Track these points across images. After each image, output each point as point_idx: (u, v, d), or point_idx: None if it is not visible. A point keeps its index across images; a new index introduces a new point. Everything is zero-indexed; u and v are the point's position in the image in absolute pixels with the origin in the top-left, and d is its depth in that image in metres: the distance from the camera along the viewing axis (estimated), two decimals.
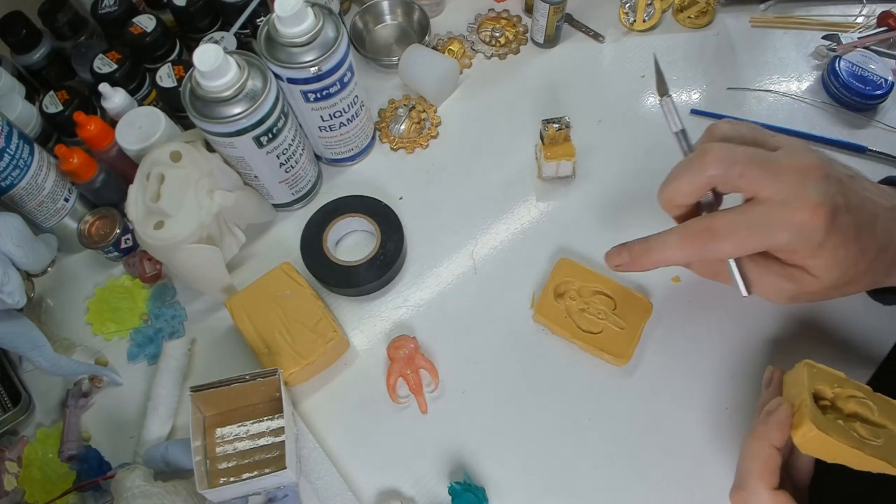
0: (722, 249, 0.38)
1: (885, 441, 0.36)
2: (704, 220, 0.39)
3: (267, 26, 0.48)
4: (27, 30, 0.59)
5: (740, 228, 0.37)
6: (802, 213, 0.36)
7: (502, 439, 0.47)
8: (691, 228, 0.39)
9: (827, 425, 0.36)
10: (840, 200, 0.36)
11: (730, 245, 0.38)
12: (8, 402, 0.51)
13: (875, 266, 0.38)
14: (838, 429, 0.36)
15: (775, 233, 0.36)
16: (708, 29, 0.65)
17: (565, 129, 0.53)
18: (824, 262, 0.37)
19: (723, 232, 0.38)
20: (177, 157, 0.48)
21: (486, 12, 0.68)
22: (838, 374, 0.39)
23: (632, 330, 0.48)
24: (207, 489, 0.42)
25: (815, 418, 0.36)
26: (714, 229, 0.38)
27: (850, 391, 0.38)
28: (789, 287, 0.39)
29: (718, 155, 0.38)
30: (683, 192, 0.40)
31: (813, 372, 0.39)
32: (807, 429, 0.36)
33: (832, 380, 0.39)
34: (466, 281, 0.54)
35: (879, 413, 0.37)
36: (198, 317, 0.55)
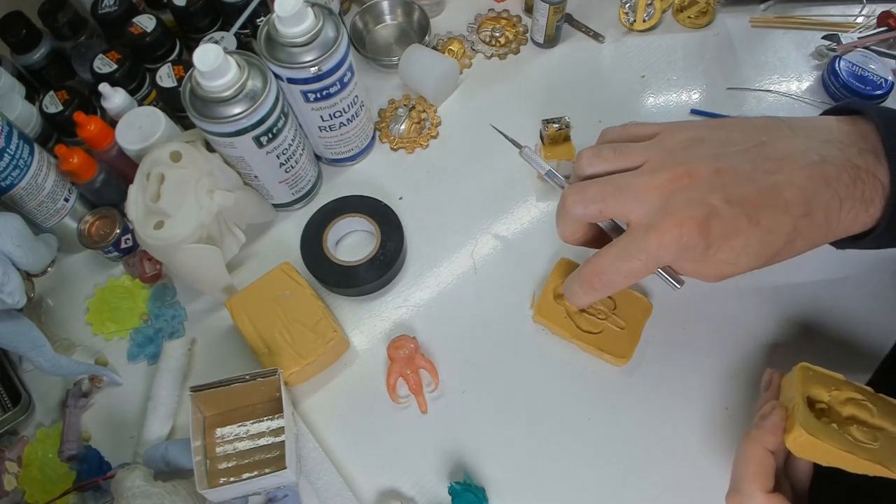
0: (616, 285, 0.39)
1: (881, 444, 0.36)
2: (591, 264, 0.39)
3: (267, 26, 0.48)
4: (27, 30, 0.59)
5: (623, 262, 0.37)
6: (670, 232, 0.35)
7: (502, 439, 0.47)
8: (583, 276, 0.40)
9: (818, 430, 0.36)
10: (715, 199, 0.35)
11: (620, 279, 0.38)
12: (8, 402, 0.51)
13: (803, 232, 0.36)
14: (830, 433, 0.36)
15: (657, 255, 0.36)
16: (708, 29, 0.65)
17: (565, 129, 0.53)
18: (725, 255, 0.36)
19: (609, 271, 0.38)
20: (177, 157, 0.48)
21: (486, 12, 0.68)
22: (836, 377, 0.39)
23: (632, 330, 0.48)
24: (207, 489, 0.42)
25: (806, 423, 0.36)
26: (601, 271, 0.39)
27: (848, 393, 0.38)
28: (709, 272, 0.38)
29: (573, 199, 0.39)
30: (566, 234, 0.42)
31: (808, 375, 0.39)
32: (797, 433, 0.36)
33: (829, 382, 0.38)
34: (466, 281, 0.54)
35: (879, 415, 0.37)
36: (198, 317, 0.55)
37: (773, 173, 0.36)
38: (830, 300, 0.50)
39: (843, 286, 0.50)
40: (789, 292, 0.50)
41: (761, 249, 0.36)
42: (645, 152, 0.39)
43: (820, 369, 0.39)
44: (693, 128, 0.40)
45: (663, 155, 0.38)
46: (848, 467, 0.36)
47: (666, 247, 0.36)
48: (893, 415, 0.37)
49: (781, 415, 0.38)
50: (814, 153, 0.36)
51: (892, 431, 0.36)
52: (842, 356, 0.48)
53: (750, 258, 0.36)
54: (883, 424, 0.37)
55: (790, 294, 0.50)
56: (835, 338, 0.48)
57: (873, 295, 0.50)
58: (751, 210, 0.35)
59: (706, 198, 0.35)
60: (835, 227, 0.37)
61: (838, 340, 0.48)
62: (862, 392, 0.38)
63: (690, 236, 0.35)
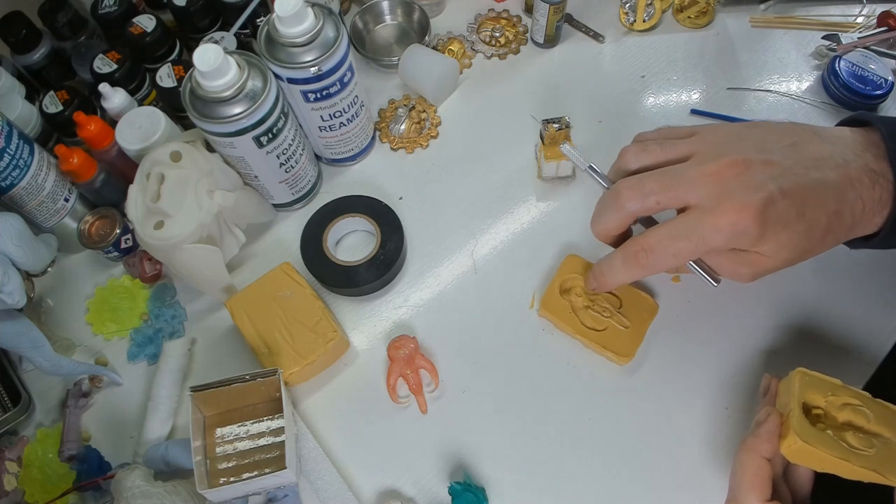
0: (661, 265, 0.39)
1: (877, 450, 0.36)
2: (639, 241, 0.40)
3: (267, 26, 0.48)
4: (27, 30, 0.59)
5: (673, 241, 0.38)
6: (729, 216, 0.36)
7: (502, 439, 0.47)
8: (629, 251, 0.40)
9: (813, 437, 0.36)
10: (771, 187, 0.36)
11: (667, 259, 0.39)
12: (8, 402, 0.51)
13: (833, 229, 0.38)
14: (825, 440, 0.36)
15: (709, 238, 0.37)
16: (708, 29, 0.65)
17: (565, 129, 0.53)
18: (770, 247, 0.37)
19: (658, 249, 0.39)
20: (177, 157, 0.48)
21: (486, 12, 0.68)
22: (833, 382, 0.38)
23: (636, 329, 0.48)
24: (207, 489, 0.42)
25: (801, 430, 0.36)
26: (649, 248, 0.39)
27: (845, 399, 0.38)
28: (746, 270, 0.39)
29: (630, 193, 0.40)
30: (611, 227, 0.42)
31: (805, 380, 0.38)
32: (792, 440, 0.36)
33: (826, 387, 0.38)
34: (466, 281, 0.54)
35: (875, 420, 0.37)
36: (198, 317, 0.55)
37: (812, 171, 0.37)
38: (830, 304, 0.50)
39: (842, 289, 0.50)
40: (790, 295, 0.50)
41: (800, 244, 0.37)
42: (691, 146, 0.40)
43: (817, 374, 0.39)
44: (729, 127, 0.41)
45: (710, 147, 0.39)
46: (843, 474, 0.36)
47: (721, 230, 0.36)
48: (890, 420, 0.37)
49: (776, 421, 0.38)
50: (839, 156, 0.38)
51: (888, 437, 0.36)
52: (841, 359, 0.48)
53: (790, 252, 0.37)
54: (879, 430, 0.37)
55: (791, 296, 0.50)
56: (834, 341, 0.48)
57: (872, 298, 0.50)
58: (799, 203, 0.36)
59: (765, 185, 0.36)
60: (856, 227, 0.38)
61: (837, 344, 0.48)
62: (859, 397, 0.38)
63: (747, 223, 0.36)
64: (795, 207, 0.36)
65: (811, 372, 0.39)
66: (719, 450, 0.45)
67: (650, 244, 0.39)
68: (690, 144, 0.40)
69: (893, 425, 0.37)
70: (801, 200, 0.36)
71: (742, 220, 0.36)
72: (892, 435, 0.36)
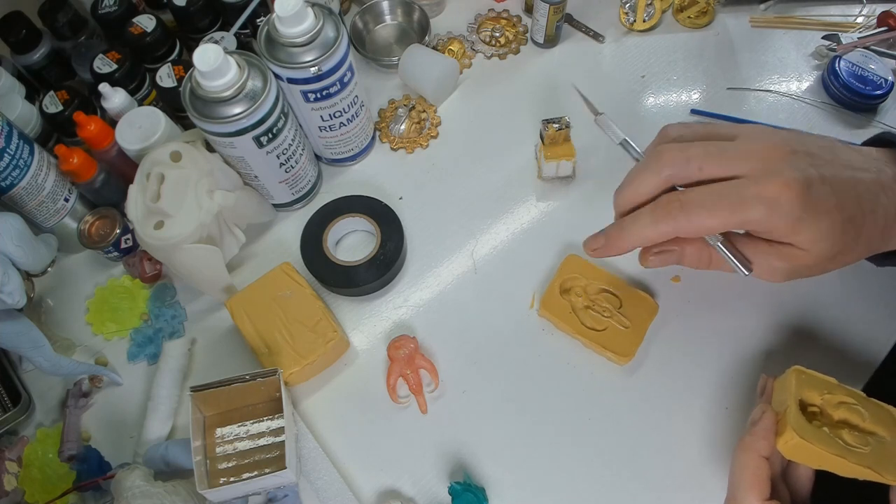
0: (694, 222, 0.37)
1: (872, 448, 0.36)
2: (676, 194, 0.38)
3: (267, 26, 0.48)
4: (27, 30, 0.59)
5: (712, 200, 0.36)
6: (774, 187, 0.35)
7: (502, 439, 0.47)
8: (661, 203, 0.38)
9: (810, 433, 0.36)
10: (813, 172, 0.36)
11: (701, 217, 0.37)
12: (8, 402, 0.51)
13: (867, 231, 0.37)
14: (822, 436, 0.36)
15: (748, 207, 0.36)
16: (708, 29, 0.65)
17: (565, 129, 0.53)
18: (809, 235, 0.36)
19: (694, 204, 0.37)
20: (177, 157, 0.48)
21: (486, 12, 0.68)
22: (829, 380, 0.38)
23: (636, 329, 0.48)
24: (207, 489, 0.42)
25: (798, 426, 0.36)
26: (685, 202, 0.37)
27: (841, 397, 0.38)
28: (781, 265, 0.38)
29: (673, 154, 0.38)
30: (642, 192, 0.40)
31: (802, 378, 0.39)
32: (789, 436, 0.36)
33: (822, 386, 0.38)
34: (466, 281, 0.54)
35: (870, 419, 0.37)
36: (198, 317, 0.55)
37: (848, 170, 0.37)
38: (830, 304, 0.50)
39: (842, 291, 0.50)
40: (790, 295, 0.50)
41: (837, 238, 0.36)
42: (735, 129, 0.40)
43: (813, 373, 0.39)
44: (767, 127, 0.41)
45: (755, 133, 0.39)
46: (839, 471, 0.36)
47: (762, 200, 0.35)
48: (885, 419, 0.37)
49: (771, 419, 0.38)
50: (871, 164, 0.38)
51: (883, 436, 0.36)
52: (840, 360, 0.48)
53: (826, 246, 0.37)
54: (874, 429, 0.37)
55: (791, 297, 0.50)
56: (834, 341, 0.48)
57: (872, 299, 0.50)
58: (839, 193, 0.36)
59: (808, 170, 0.36)
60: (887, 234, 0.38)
61: (837, 344, 0.48)
62: (854, 396, 0.38)
63: (789, 198, 0.35)
64: (835, 197, 0.36)
65: (807, 370, 0.39)
66: (719, 449, 0.45)
67: (688, 198, 0.37)
68: (734, 128, 0.40)
69: (888, 424, 0.37)
70: (840, 191, 0.36)
71: (785, 194, 0.35)
72: (887, 434, 0.36)
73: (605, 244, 0.42)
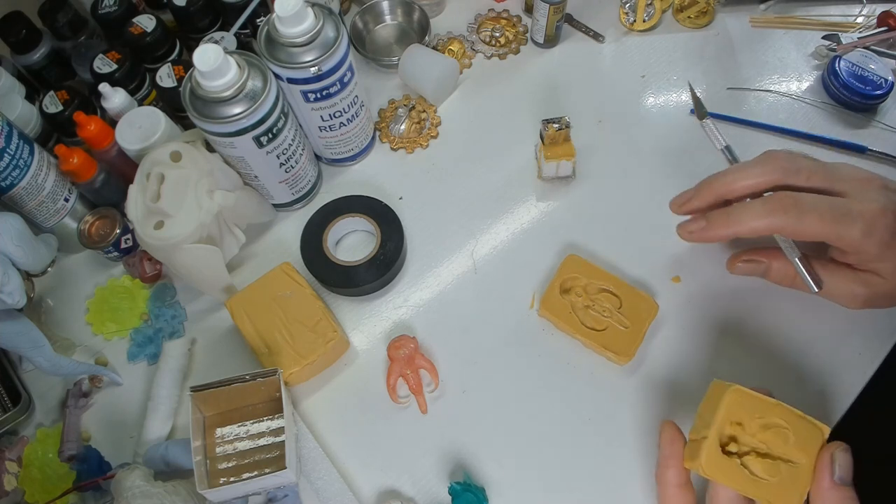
0: (805, 222, 0.40)
1: (780, 479, 0.35)
2: (791, 193, 0.41)
3: (267, 26, 0.48)
4: (27, 30, 0.59)
5: (823, 207, 0.40)
6: (873, 210, 0.39)
7: (502, 439, 0.47)
8: (777, 197, 0.41)
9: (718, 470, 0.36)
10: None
11: (812, 220, 0.39)
12: (8, 402, 0.51)
13: None
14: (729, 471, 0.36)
15: (850, 223, 0.39)
16: (708, 29, 0.65)
17: (565, 129, 0.53)
18: (890, 266, 0.40)
19: (808, 206, 0.40)
20: (177, 157, 0.48)
21: (486, 12, 0.68)
22: (766, 400, 0.37)
23: (636, 329, 0.48)
24: (207, 489, 0.42)
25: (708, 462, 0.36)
26: (800, 202, 0.40)
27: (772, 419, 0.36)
28: (861, 291, 0.42)
29: (785, 157, 0.42)
30: (747, 184, 0.42)
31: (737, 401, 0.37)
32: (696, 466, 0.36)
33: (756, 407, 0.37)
34: (466, 281, 0.54)
35: (795, 443, 0.36)
36: (198, 317, 0.55)
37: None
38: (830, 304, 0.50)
39: None
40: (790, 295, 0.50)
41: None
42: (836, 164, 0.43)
43: (753, 393, 0.37)
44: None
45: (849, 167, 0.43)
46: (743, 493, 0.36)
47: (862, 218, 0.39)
48: (810, 439, 0.36)
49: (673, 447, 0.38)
50: None
51: (798, 462, 0.36)
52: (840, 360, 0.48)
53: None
54: (794, 455, 0.36)
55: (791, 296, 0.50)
56: (833, 342, 0.48)
57: None
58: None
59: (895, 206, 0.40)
60: None
61: (837, 345, 0.48)
62: (787, 417, 0.36)
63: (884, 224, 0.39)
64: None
65: (747, 391, 0.37)
66: None
67: (804, 199, 0.40)
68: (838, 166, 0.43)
69: (810, 445, 0.36)
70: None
71: (880, 220, 0.39)
72: (805, 458, 0.35)
73: (707, 227, 0.44)
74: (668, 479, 0.38)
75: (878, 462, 0.54)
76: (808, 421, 0.36)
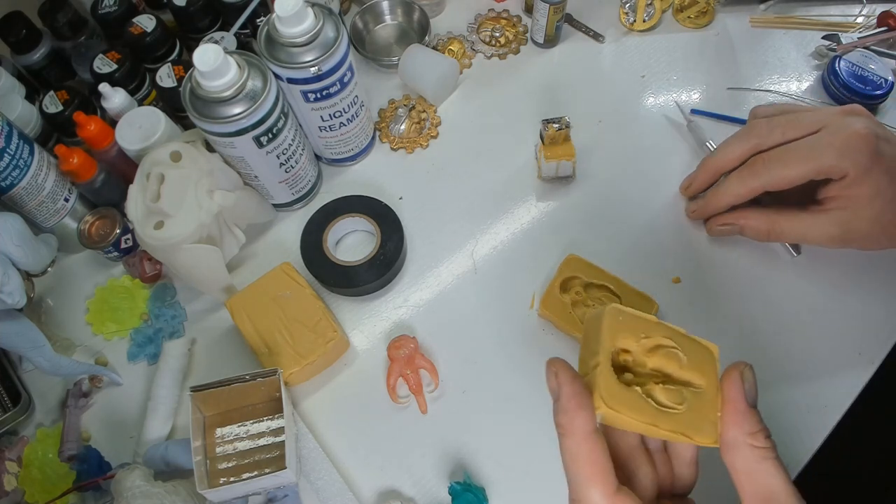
0: (774, 174, 0.44)
1: (687, 406, 0.30)
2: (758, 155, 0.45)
3: (267, 26, 0.48)
4: (27, 30, 0.59)
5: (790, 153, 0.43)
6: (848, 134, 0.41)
7: (502, 439, 0.47)
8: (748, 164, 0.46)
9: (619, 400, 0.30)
10: (881, 132, 0.41)
11: (779, 170, 0.43)
12: (8, 402, 0.51)
13: None
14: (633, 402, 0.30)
15: (820, 155, 0.41)
16: (708, 29, 0.65)
17: (565, 129, 0.53)
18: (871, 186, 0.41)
19: (773, 159, 0.44)
20: (177, 157, 0.48)
21: (486, 12, 0.68)
22: (647, 318, 0.32)
23: None
24: (207, 489, 0.42)
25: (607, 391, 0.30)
26: (766, 159, 0.44)
27: (658, 339, 0.32)
28: (836, 231, 0.44)
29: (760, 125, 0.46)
30: (730, 158, 0.47)
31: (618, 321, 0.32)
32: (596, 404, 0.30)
33: (639, 327, 0.32)
34: (466, 281, 0.54)
35: (688, 364, 0.31)
36: (198, 317, 0.55)
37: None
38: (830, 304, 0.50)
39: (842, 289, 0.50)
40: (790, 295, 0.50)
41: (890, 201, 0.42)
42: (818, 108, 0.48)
43: (630, 311, 0.32)
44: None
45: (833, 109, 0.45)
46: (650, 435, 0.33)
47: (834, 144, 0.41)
48: (703, 361, 0.32)
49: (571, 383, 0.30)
50: None
51: (698, 386, 0.31)
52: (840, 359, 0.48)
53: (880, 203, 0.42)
54: (691, 377, 0.31)
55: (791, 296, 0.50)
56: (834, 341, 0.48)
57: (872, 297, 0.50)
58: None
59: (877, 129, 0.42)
60: None
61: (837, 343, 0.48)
62: (674, 336, 0.32)
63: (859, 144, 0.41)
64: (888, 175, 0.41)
65: (625, 309, 0.32)
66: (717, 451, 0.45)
67: (769, 155, 0.44)
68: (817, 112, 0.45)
69: (705, 368, 0.31)
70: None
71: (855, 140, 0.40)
72: (703, 380, 0.31)
73: (705, 204, 0.50)
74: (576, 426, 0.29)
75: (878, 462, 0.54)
76: (694, 341, 0.32)
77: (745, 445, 0.29)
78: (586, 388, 0.31)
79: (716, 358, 0.32)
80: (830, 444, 0.45)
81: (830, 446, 0.45)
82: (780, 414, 0.46)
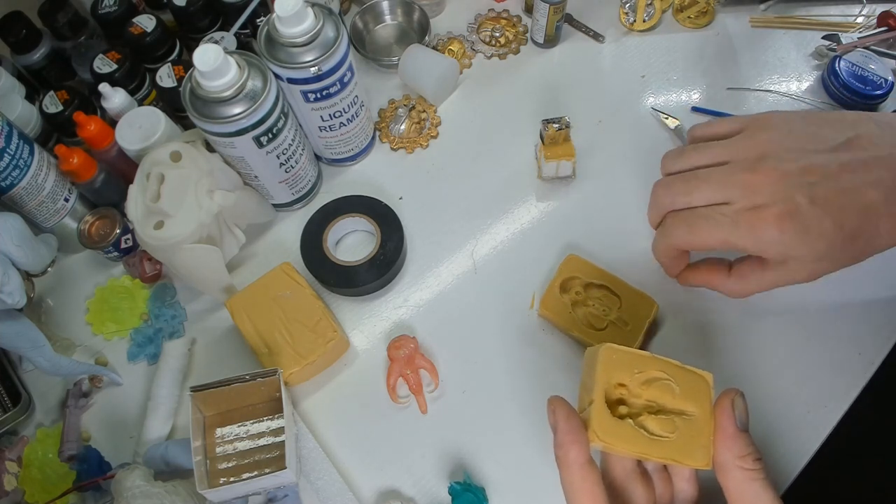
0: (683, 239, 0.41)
1: (678, 433, 0.33)
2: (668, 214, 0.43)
3: (267, 26, 0.48)
4: (27, 30, 0.59)
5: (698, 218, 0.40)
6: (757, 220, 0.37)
7: (502, 439, 0.47)
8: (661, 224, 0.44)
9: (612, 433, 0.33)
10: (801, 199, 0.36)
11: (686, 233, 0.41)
12: (8, 402, 0.51)
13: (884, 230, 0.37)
14: (625, 434, 0.33)
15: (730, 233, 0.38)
16: (708, 29, 0.65)
17: (565, 129, 0.53)
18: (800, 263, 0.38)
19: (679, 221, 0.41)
20: (177, 157, 0.48)
21: (486, 12, 0.68)
22: (641, 355, 0.35)
23: (636, 327, 0.48)
24: (207, 489, 0.42)
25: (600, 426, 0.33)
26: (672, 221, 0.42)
27: (653, 373, 0.34)
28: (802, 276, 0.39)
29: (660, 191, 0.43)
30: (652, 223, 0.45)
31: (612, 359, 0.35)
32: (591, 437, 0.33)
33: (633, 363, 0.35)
34: (466, 281, 0.54)
35: (682, 394, 0.34)
36: (198, 317, 0.55)
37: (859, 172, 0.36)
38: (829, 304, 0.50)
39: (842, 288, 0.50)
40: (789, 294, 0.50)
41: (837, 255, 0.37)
42: (728, 150, 0.41)
43: (624, 349, 0.35)
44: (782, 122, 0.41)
45: (749, 152, 0.39)
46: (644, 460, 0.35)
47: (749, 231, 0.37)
48: (697, 390, 0.34)
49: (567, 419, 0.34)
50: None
51: (691, 413, 0.34)
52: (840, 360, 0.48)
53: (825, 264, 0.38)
54: (684, 406, 0.34)
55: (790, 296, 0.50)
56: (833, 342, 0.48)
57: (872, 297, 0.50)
58: (837, 211, 0.36)
59: (795, 196, 0.36)
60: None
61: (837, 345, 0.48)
62: (667, 368, 0.35)
63: (772, 233, 0.37)
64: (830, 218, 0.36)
65: (619, 347, 0.35)
66: None
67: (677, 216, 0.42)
68: (727, 147, 0.41)
69: (698, 396, 0.34)
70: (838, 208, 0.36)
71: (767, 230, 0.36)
72: (696, 408, 0.34)
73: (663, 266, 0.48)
74: (571, 459, 0.33)
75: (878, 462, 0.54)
76: (688, 371, 0.35)
77: (735, 468, 0.32)
78: (581, 423, 0.34)
79: (710, 385, 0.34)
80: (830, 444, 0.45)
81: (830, 446, 0.45)
82: (781, 414, 0.46)
